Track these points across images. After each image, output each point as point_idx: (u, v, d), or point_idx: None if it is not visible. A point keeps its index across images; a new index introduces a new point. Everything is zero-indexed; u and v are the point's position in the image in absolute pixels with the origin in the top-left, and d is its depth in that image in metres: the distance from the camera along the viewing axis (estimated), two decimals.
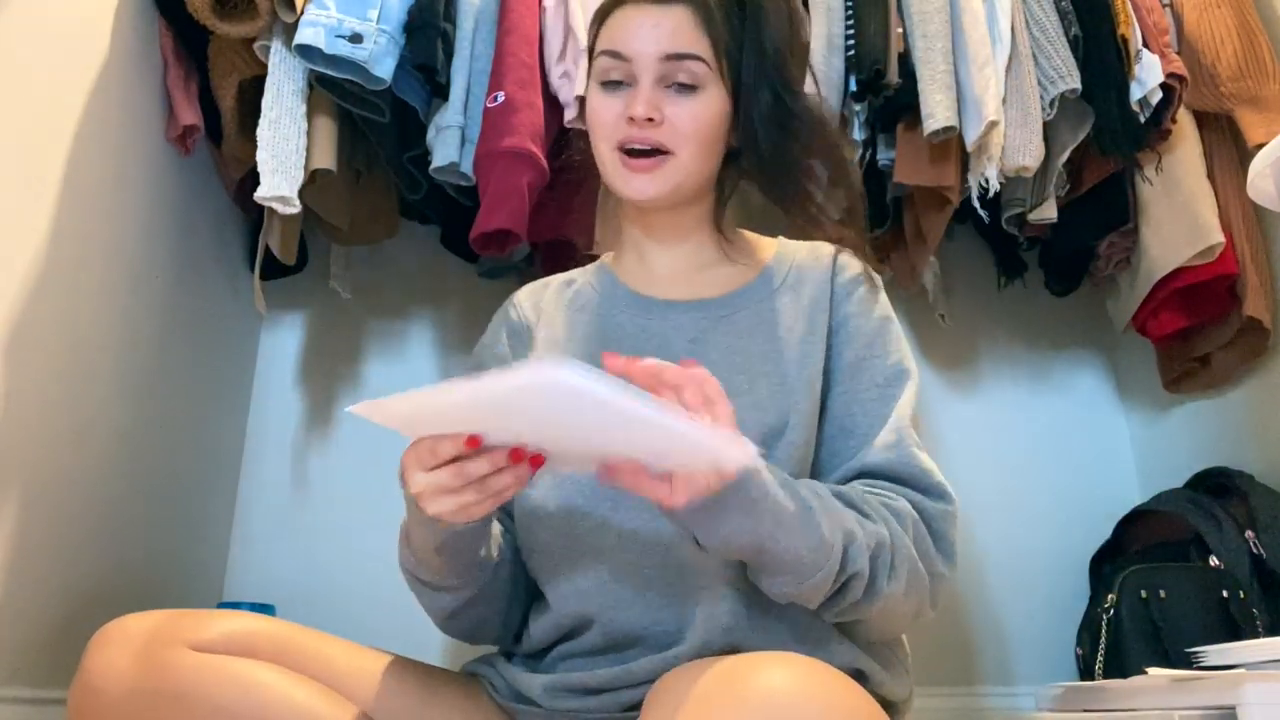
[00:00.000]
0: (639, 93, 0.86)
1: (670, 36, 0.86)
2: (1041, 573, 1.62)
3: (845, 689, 0.58)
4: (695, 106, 0.87)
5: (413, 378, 1.66)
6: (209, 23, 1.23)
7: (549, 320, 0.97)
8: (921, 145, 1.34)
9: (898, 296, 1.75)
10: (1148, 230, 1.46)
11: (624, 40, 0.88)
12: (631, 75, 0.88)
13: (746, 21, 0.88)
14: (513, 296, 1.03)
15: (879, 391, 0.86)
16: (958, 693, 1.56)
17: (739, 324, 0.90)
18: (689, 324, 0.91)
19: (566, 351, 0.93)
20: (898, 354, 0.90)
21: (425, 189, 1.40)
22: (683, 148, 0.87)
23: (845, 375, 0.88)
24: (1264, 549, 1.28)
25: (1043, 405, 1.74)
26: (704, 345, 0.89)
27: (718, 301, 0.93)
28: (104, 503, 1.18)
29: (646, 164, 0.87)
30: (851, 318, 0.91)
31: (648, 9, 0.88)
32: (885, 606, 0.76)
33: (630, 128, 0.87)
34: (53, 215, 1.07)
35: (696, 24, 0.86)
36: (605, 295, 0.97)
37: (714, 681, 0.58)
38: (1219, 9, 1.43)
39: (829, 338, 0.90)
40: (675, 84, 0.87)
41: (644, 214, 0.95)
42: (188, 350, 1.41)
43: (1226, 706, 0.80)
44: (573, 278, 1.02)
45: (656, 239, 0.96)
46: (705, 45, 0.86)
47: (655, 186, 0.88)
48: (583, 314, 0.96)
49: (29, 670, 1.02)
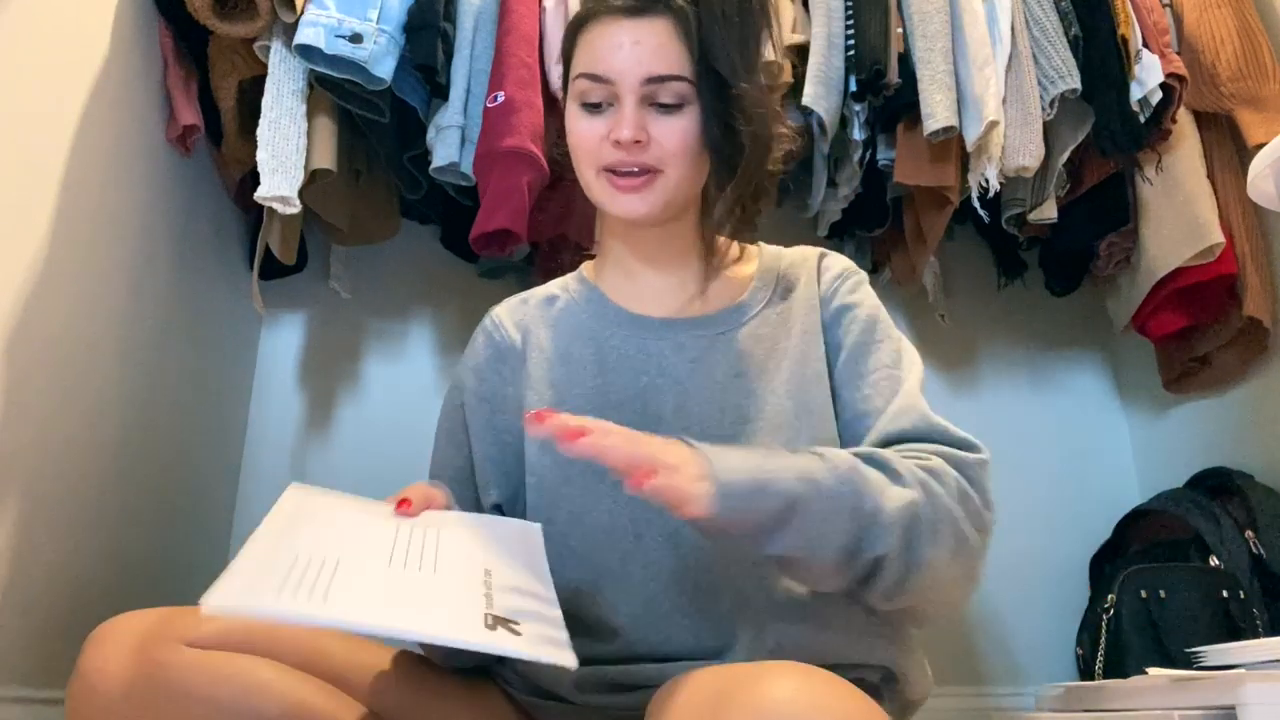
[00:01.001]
0: (623, 116, 0.83)
1: (653, 56, 0.82)
2: (1041, 573, 1.62)
3: (853, 698, 0.57)
4: (681, 124, 0.83)
5: (413, 377, 1.66)
6: (209, 23, 1.23)
7: (538, 342, 0.94)
8: (921, 145, 1.34)
9: (898, 296, 1.77)
10: (1148, 230, 1.46)
11: (604, 61, 0.84)
12: (613, 96, 0.84)
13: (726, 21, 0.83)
14: (491, 315, 0.99)
15: (888, 372, 0.86)
16: (958, 692, 1.56)
17: (739, 340, 0.89)
18: (689, 344, 0.90)
19: (565, 376, 0.91)
20: (898, 337, 0.90)
21: (425, 189, 1.40)
22: (671, 165, 0.84)
23: (852, 361, 0.88)
24: (1264, 549, 1.28)
25: (1043, 405, 1.74)
26: (706, 365, 0.88)
27: (714, 318, 0.91)
28: (104, 502, 1.18)
29: (635, 183, 0.85)
30: (847, 308, 0.91)
31: (626, 25, 0.83)
32: (932, 576, 0.73)
33: (616, 151, 0.84)
34: (53, 215, 1.07)
35: (677, 38, 0.82)
36: (596, 314, 0.94)
37: (720, 691, 0.57)
38: (1219, 9, 1.43)
39: (825, 332, 0.90)
40: (658, 103, 0.84)
41: (632, 230, 0.92)
42: (188, 350, 1.41)
43: (1226, 706, 0.80)
44: (554, 293, 0.99)
45: (644, 255, 0.93)
46: (687, 62, 0.82)
47: (646, 205, 0.85)
48: (575, 336, 0.93)
49: (29, 670, 1.02)
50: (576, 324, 0.94)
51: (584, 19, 0.88)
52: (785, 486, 0.68)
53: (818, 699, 0.55)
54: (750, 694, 0.55)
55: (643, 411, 0.87)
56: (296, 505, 0.71)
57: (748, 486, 0.67)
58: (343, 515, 0.73)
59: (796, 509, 0.68)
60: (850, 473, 0.71)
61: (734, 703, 0.56)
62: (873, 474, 0.72)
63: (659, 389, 0.88)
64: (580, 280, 0.99)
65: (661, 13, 0.83)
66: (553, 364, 0.92)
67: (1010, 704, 1.53)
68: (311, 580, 0.60)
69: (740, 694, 0.56)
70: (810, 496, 0.69)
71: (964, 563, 0.75)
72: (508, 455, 0.92)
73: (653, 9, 0.83)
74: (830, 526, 0.69)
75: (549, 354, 0.93)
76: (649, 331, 0.91)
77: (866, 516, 0.70)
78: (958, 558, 0.74)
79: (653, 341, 0.90)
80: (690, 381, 0.88)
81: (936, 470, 0.76)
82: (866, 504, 0.70)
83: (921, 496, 0.72)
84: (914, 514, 0.71)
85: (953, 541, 0.73)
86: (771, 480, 0.68)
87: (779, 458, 0.71)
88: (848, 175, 1.48)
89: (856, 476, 0.71)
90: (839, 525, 0.69)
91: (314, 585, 0.60)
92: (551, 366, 0.92)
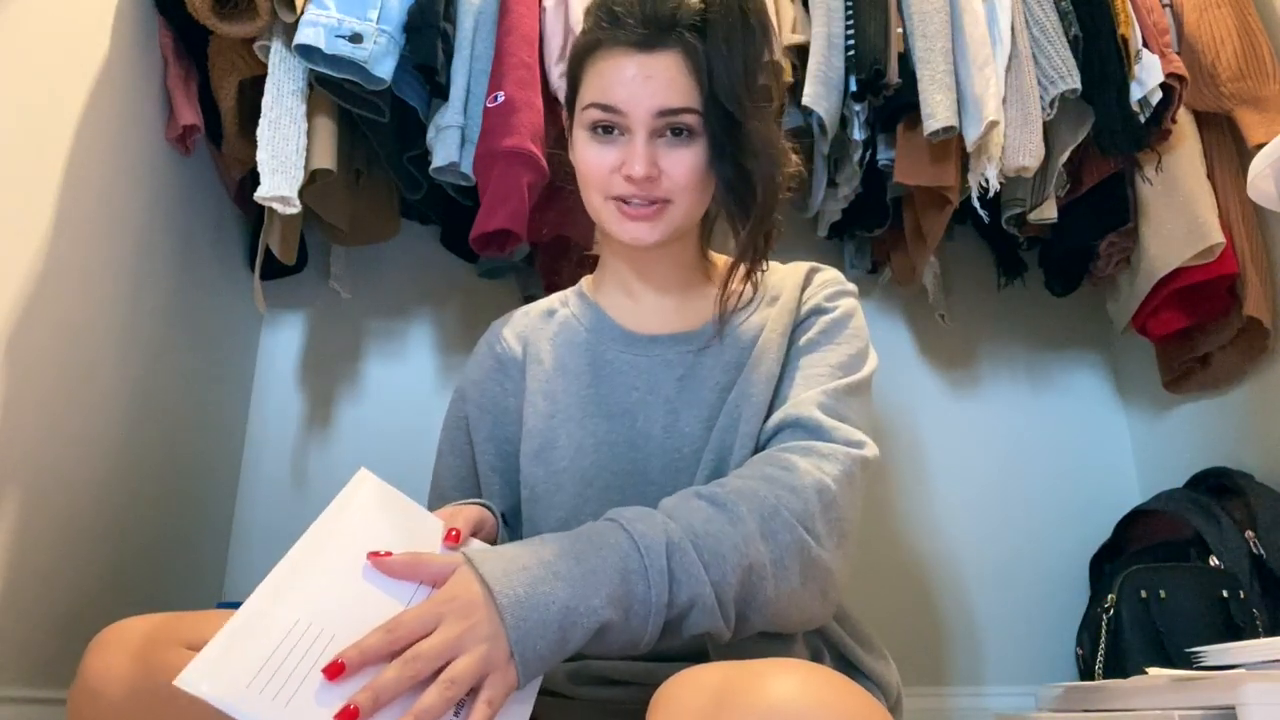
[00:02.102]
0: (635, 151, 0.85)
1: (664, 90, 0.84)
2: (1041, 573, 1.62)
3: (854, 696, 0.57)
4: (689, 154, 0.85)
5: (413, 377, 1.66)
6: (209, 23, 1.23)
7: (536, 354, 0.97)
8: (921, 145, 1.34)
9: (898, 296, 1.77)
10: (1148, 230, 1.46)
11: (615, 93, 0.85)
12: (624, 126, 0.86)
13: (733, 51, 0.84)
14: (493, 329, 1.02)
15: (829, 370, 0.87)
16: (958, 692, 1.56)
17: (723, 353, 0.91)
18: (676, 359, 0.92)
19: (561, 387, 0.93)
20: (858, 347, 0.90)
21: (425, 189, 1.40)
22: (679, 196, 0.86)
23: (798, 355, 0.89)
24: (1264, 549, 1.28)
25: (1043, 405, 1.74)
26: (692, 381, 0.90)
27: (700, 333, 0.93)
28: (103, 502, 1.18)
29: (646, 212, 0.87)
30: (818, 310, 0.92)
31: (637, 58, 0.84)
32: (779, 607, 0.73)
33: (628, 185, 0.85)
34: (53, 215, 1.07)
35: (687, 71, 0.84)
36: (593, 329, 0.96)
37: (722, 689, 0.57)
38: (1219, 9, 1.43)
39: (792, 332, 0.91)
40: (668, 134, 0.85)
41: (635, 252, 0.94)
42: (188, 350, 1.41)
43: (1226, 706, 0.80)
44: (553, 307, 1.02)
45: (644, 275, 0.96)
46: (696, 95, 0.84)
47: (656, 234, 0.88)
48: (572, 349, 0.96)
49: (29, 670, 1.02)
50: (574, 339, 0.96)
51: (593, 46, 0.88)
52: (592, 621, 0.65)
53: (821, 697, 0.55)
54: (753, 692, 0.55)
55: (632, 426, 0.90)
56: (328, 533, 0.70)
57: (552, 644, 0.64)
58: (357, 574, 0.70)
59: (605, 632, 0.67)
60: (666, 565, 0.68)
61: (736, 701, 0.55)
62: (693, 551, 0.69)
63: (649, 405, 0.90)
64: (579, 295, 1.02)
65: (672, 46, 0.84)
66: (551, 376, 0.94)
67: (1010, 704, 1.53)
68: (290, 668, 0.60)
69: (743, 692, 0.56)
70: (618, 618, 0.67)
71: (814, 579, 0.75)
72: (510, 465, 0.95)
73: (663, 42, 0.84)
74: (642, 628, 0.68)
75: (548, 366, 0.95)
76: (639, 348, 0.94)
77: (680, 609, 0.68)
78: (806, 579, 0.74)
79: (643, 358, 0.93)
80: (679, 399, 0.90)
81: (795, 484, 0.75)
82: (681, 596, 0.68)
83: (758, 531, 0.72)
84: (748, 569, 0.70)
85: (799, 567, 0.73)
86: (576, 623, 0.65)
87: (589, 575, 0.67)
88: (848, 175, 1.48)
89: (674, 564, 0.68)
90: (651, 626, 0.68)
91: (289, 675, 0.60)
92: (550, 378, 0.94)
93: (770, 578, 0.72)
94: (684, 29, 0.84)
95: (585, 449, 0.89)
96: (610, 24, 0.86)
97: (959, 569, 1.63)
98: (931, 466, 1.69)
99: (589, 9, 0.90)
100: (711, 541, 0.70)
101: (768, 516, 0.73)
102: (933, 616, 1.60)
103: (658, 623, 0.68)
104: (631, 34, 0.85)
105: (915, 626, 1.60)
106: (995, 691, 1.56)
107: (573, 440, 0.90)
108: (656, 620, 0.68)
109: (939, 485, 1.68)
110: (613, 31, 0.86)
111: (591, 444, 0.89)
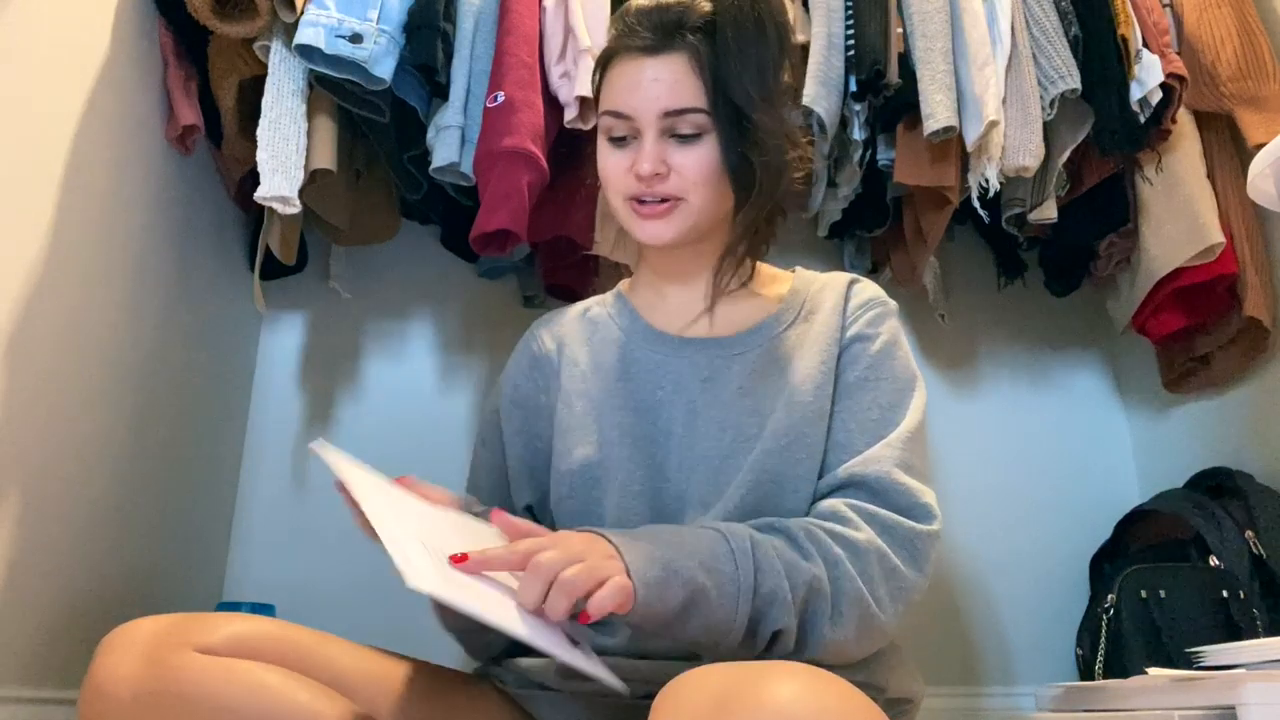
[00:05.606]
0: (643, 150, 0.88)
1: (670, 92, 0.87)
2: (1041, 573, 1.62)
3: (855, 700, 0.57)
4: (699, 153, 0.88)
5: (413, 377, 1.66)
6: (209, 23, 1.23)
7: (571, 352, 1.00)
8: (921, 145, 1.34)
9: (898, 296, 1.76)
10: (1148, 230, 1.46)
11: (624, 99, 0.89)
12: (635, 130, 0.89)
13: (744, 50, 0.87)
14: (532, 329, 1.06)
15: (881, 413, 0.88)
16: (958, 693, 1.56)
17: (752, 362, 0.92)
18: (704, 362, 0.94)
19: (594, 384, 0.96)
20: (907, 377, 0.91)
21: (425, 189, 1.40)
22: (692, 193, 0.89)
23: (847, 393, 0.90)
24: (1264, 549, 1.28)
25: (1042, 405, 1.74)
26: (716, 385, 0.92)
27: (732, 340, 0.95)
28: (103, 502, 1.18)
29: (659, 210, 0.90)
30: (858, 340, 0.93)
31: (645, 62, 0.88)
32: (834, 651, 0.77)
33: (639, 183, 0.89)
34: (53, 215, 1.07)
35: (693, 72, 0.87)
36: (626, 329, 0.99)
37: (724, 691, 0.57)
38: (1219, 9, 1.43)
39: (838, 361, 0.92)
40: (678, 134, 0.88)
41: (658, 253, 0.97)
42: (188, 350, 1.41)
43: (1226, 706, 0.80)
44: (589, 306, 1.05)
45: (671, 274, 0.99)
46: (703, 95, 0.87)
47: (670, 231, 0.90)
48: (605, 347, 0.99)
49: (29, 670, 1.02)
50: (607, 337, 1.00)
51: (610, 56, 0.93)
52: (689, 575, 0.71)
53: (821, 700, 0.55)
54: (754, 694, 0.55)
55: (655, 423, 0.92)
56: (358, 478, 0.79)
57: (658, 578, 0.70)
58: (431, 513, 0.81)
59: (698, 600, 0.71)
60: (751, 553, 0.74)
61: (737, 703, 0.56)
62: (773, 552, 0.75)
63: (672, 404, 0.92)
64: (616, 296, 1.05)
65: (678, 48, 0.88)
66: (585, 374, 0.97)
67: (1010, 704, 1.53)
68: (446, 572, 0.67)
69: (744, 694, 0.56)
70: (711, 585, 0.72)
71: (870, 638, 0.79)
72: (539, 460, 0.98)
73: (670, 46, 0.88)
74: (731, 610, 0.73)
75: (582, 365, 0.98)
76: (669, 348, 0.96)
77: (764, 598, 0.73)
78: (862, 635, 0.78)
79: (671, 358, 0.95)
80: (700, 399, 0.92)
81: (858, 547, 0.79)
82: (765, 585, 0.73)
83: (824, 574, 0.76)
84: (814, 590, 0.75)
85: (856, 620, 0.77)
86: (677, 571, 0.71)
87: (681, 544, 0.74)
88: (848, 175, 1.48)
89: (759, 555, 0.74)
90: (740, 608, 0.73)
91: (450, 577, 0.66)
92: (584, 376, 0.97)
93: (827, 616, 0.76)
94: (691, 32, 0.87)
95: (610, 441, 0.91)
96: (624, 33, 0.91)
97: (958, 569, 1.63)
98: (931, 466, 1.68)
99: (612, 20, 0.95)
100: (787, 554, 0.76)
101: (831, 563, 0.77)
102: (932, 617, 1.60)
103: (745, 609, 0.72)
104: (642, 40, 0.89)
105: (915, 627, 1.60)
106: (995, 691, 1.56)
107: (600, 433, 0.92)
108: (745, 603, 0.72)
109: (939, 485, 1.66)
110: (626, 40, 0.90)
111: (615, 436, 0.92)
